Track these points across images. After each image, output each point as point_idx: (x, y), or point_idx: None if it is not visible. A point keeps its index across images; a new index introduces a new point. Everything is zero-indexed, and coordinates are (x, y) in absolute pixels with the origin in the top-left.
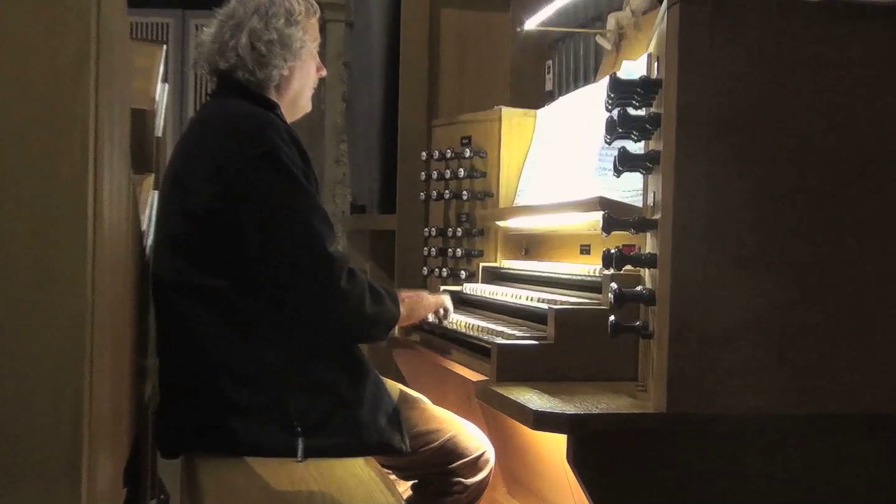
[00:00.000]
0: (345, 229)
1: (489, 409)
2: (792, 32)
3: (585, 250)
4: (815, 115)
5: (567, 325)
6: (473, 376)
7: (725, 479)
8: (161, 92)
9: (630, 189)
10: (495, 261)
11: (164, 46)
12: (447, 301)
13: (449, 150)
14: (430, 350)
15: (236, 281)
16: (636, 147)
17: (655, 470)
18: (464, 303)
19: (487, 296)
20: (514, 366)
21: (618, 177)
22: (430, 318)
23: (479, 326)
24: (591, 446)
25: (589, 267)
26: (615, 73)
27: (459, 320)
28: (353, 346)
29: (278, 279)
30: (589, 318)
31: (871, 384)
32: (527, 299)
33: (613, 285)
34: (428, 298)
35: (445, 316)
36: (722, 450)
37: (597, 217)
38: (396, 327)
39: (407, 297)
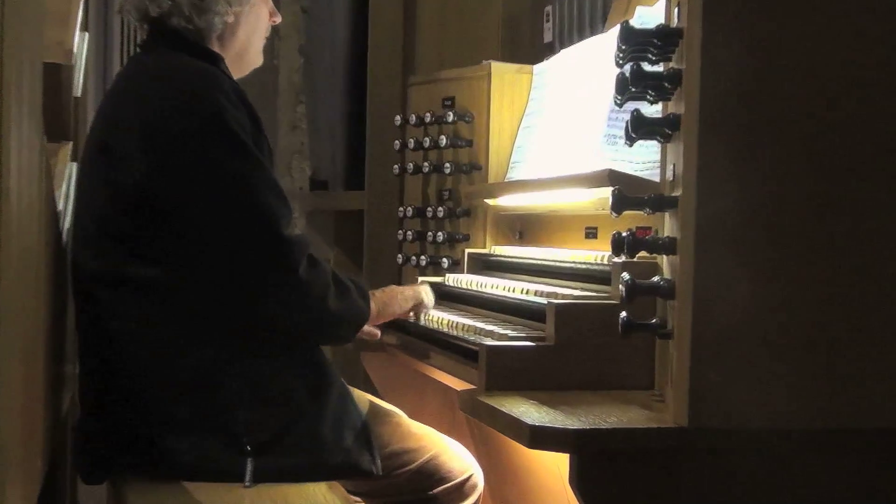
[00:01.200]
0: (303, 209)
1: (477, 423)
2: None
3: (591, 234)
4: (866, 70)
5: (569, 323)
6: (458, 384)
7: None
8: (80, 43)
9: (645, 160)
10: (484, 247)
11: None
12: (426, 293)
13: (428, 114)
14: (405, 353)
15: (173, 270)
16: (652, 110)
17: (675, 496)
18: (447, 297)
19: (475, 288)
20: (506, 372)
21: (630, 146)
22: (409, 314)
23: (464, 325)
24: (599, 467)
25: (595, 254)
26: (627, 22)
27: (441, 318)
28: (314, 349)
29: (224, 268)
30: (595, 314)
31: None
32: (521, 292)
33: (625, 275)
34: (403, 291)
35: (423, 311)
36: (755, 472)
37: (605, 194)
38: (366, 326)
39: (380, 290)
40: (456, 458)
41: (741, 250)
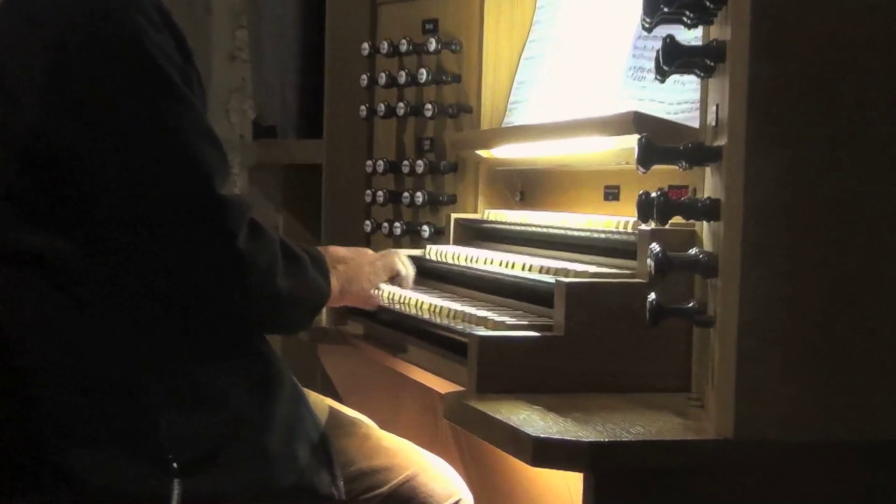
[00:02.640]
0: (244, 162)
1: (466, 435)
2: None
3: (612, 194)
4: None
5: (583, 308)
6: (442, 386)
7: None
8: None
9: (680, 101)
10: (475, 211)
11: None
12: (403, 263)
13: (404, 42)
14: (374, 346)
15: (80, 240)
16: (690, 36)
17: None
18: (428, 274)
19: (463, 263)
20: (503, 369)
21: (662, 82)
22: (384, 289)
23: (450, 310)
24: (620, 490)
25: (617, 219)
26: None
27: (421, 301)
28: (259, 341)
29: (142, 238)
30: (617, 296)
31: None
32: (523, 269)
33: (654, 247)
34: (373, 261)
35: (404, 286)
36: (815, 493)
37: (630, 143)
38: (325, 309)
39: (341, 260)
40: (439, 478)
41: (803, 211)
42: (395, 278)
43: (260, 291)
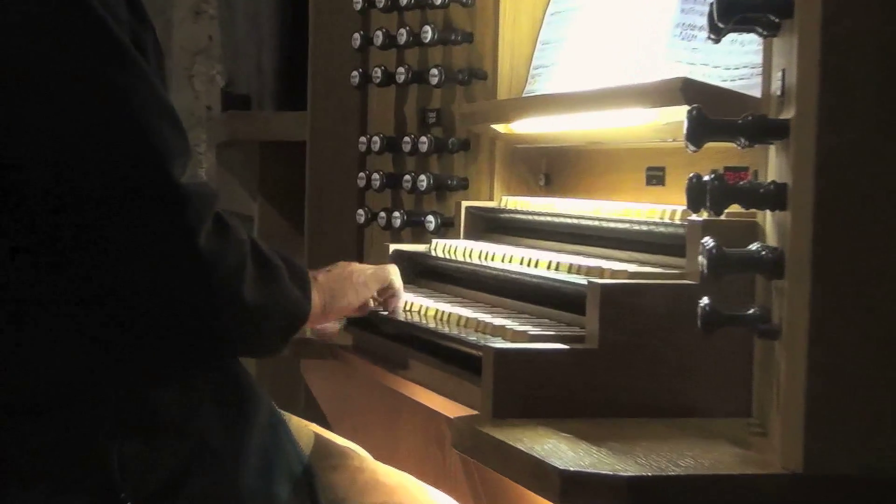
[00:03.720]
0: (211, 140)
1: (478, 467)
2: None
3: (656, 178)
4: None
5: (622, 315)
6: (450, 409)
7: None
8: None
9: (738, 65)
10: (491, 198)
11: None
12: (396, 275)
13: None
14: (369, 362)
15: (9, 240)
16: None
17: None
18: (434, 274)
19: (476, 261)
20: (524, 389)
21: (716, 42)
22: (370, 303)
23: (460, 318)
24: None
25: (662, 208)
26: None
27: (425, 306)
28: (229, 358)
29: (85, 236)
30: (662, 300)
31: None
32: (548, 267)
33: (707, 241)
34: (362, 270)
35: (395, 300)
36: None
37: (677, 116)
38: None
39: (322, 270)
40: None
41: (888, 202)
42: (385, 292)
43: (223, 305)
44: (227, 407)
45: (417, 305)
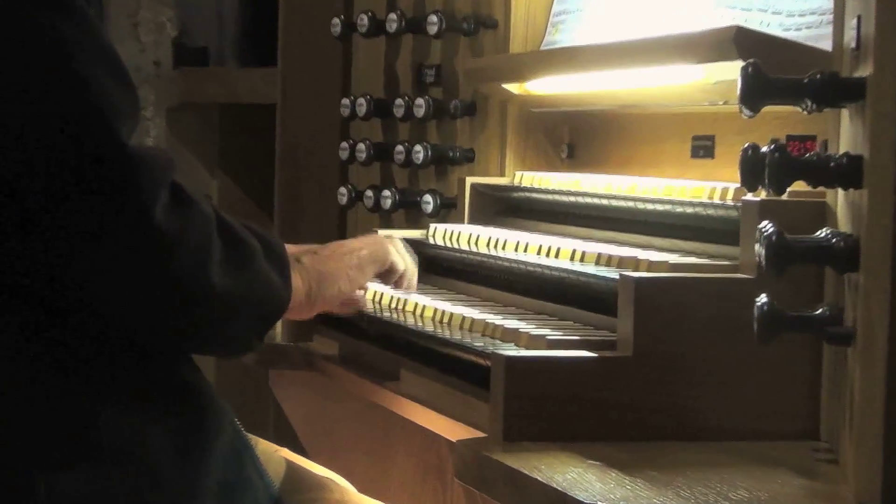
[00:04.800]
0: (161, 102)
1: (487, 501)
2: None
3: (703, 149)
4: None
5: (661, 316)
6: (451, 430)
7: None
8: None
9: (803, 11)
10: (501, 173)
11: None
12: (399, 251)
13: None
14: (354, 372)
15: None
16: None
17: None
18: (431, 266)
19: (484, 251)
20: (542, 406)
21: None
22: (373, 290)
23: (464, 319)
24: None
25: (710, 185)
26: None
27: (422, 305)
28: (184, 364)
29: (13, 212)
30: (710, 298)
31: None
32: (572, 258)
33: (767, 226)
34: (357, 248)
35: (403, 283)
36: None
37: (728, 74)
38: (280, 321)
39: (308, 251)
40: None
41: None
42: (388, 275)
43: (186, 289)
44: (181, 429)
45: (412, 304)
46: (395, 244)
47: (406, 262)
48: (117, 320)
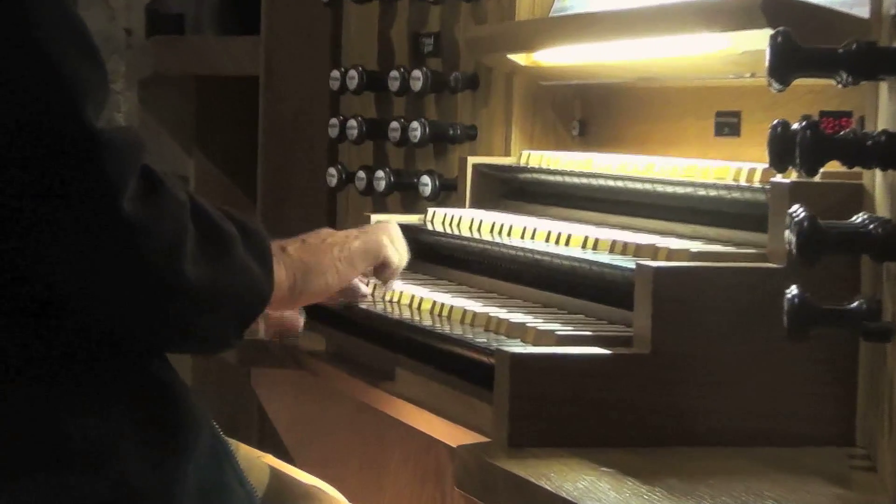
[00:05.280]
0: (130, 75)
1: None
2: None
3: (728, 126)
4: None
5: (682, 309)
6: (451, 434)
7: None
8: None
9: None
10: (506, 153)
11: None
12: (391, 241)
13: None
14: (345, 371)
15: None
16: None
17: None
18: (429, 254)
19: (487, 237)
20: (551, 408)
21: None
22: (361, 286)
23: (466, 313)
24: None
25: (736, 166)
26: None
27: (419, 297)
28: (157, 362)
29: None
30: (735, 289)
31: None
32: (584, 245)
33: (798, 211)
34: (346, 239)
35: (391, 279)
36: None
37: (756, 43)
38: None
39: (293, 240)
40: None
41: None
42: (381, 270)
43: (157, 283)
44: (155, 433)
45: (409, 296)
46: (390, 230)
47: (400, 255)
48: (83, 317)
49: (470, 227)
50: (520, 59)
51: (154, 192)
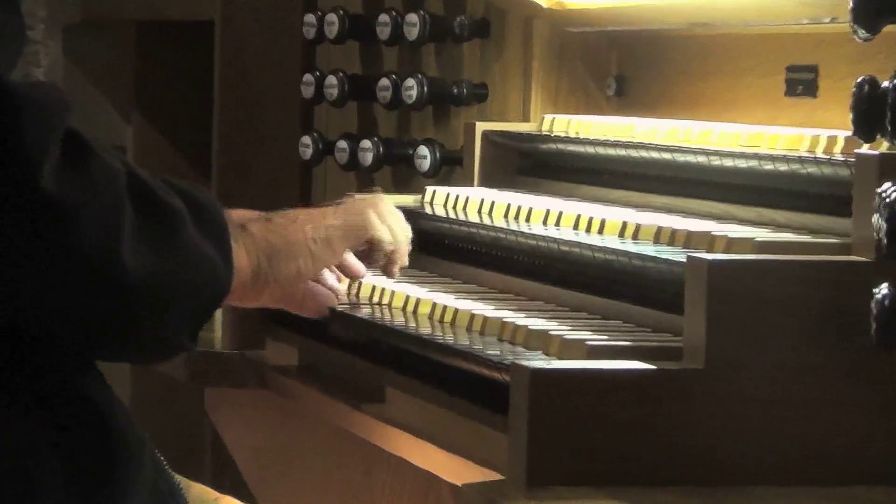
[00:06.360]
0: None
1: None
2: None
3: (802, 84)
4: None
5: (744, 312)
6: (455, 469)
7: None
8: None
9: None
10: (524, 118)
11: None
12: (371, 226)
13: None
14: (321, 391)
15: None
16: None
17: None
18: (428, 244)
19: (500, 223)
20: (580, 436)
21: None
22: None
23: (473, 318)
24: None
25: (811, 134)
26: None
27: (415, 299)
28: (86, 378)
29: None
30: (811, 288)
31: None
32: (621, 233)
33: (889, 190)
34: (325, 218)
35: (385, 269)
36: None
37: None
38: (220, 314)
39: (257, 218)
40: None
41: None
42: (368, 254)
43: (87, 274)
44: (84, 465)
45: (401, 297)
46: (378, 205)
47: (395, 235)
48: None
49: (479, 211)
50: None
51: (81, 161)
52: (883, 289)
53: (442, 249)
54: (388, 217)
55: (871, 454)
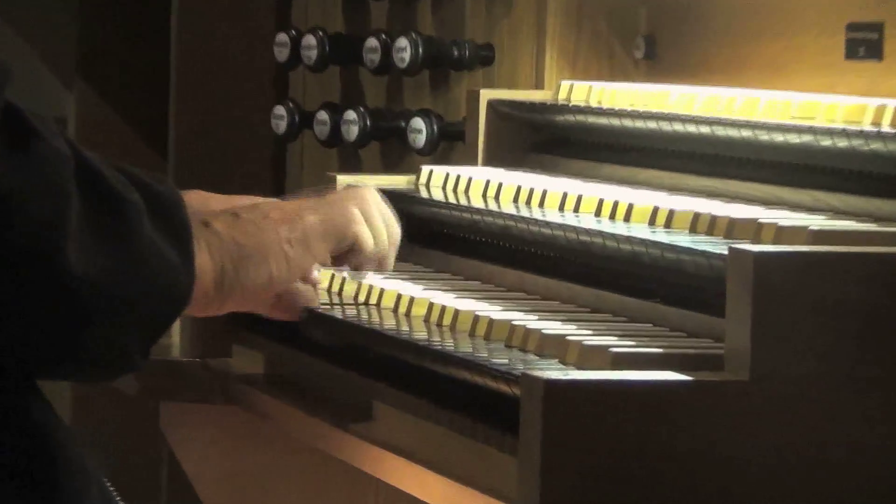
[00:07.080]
0: None
1: None
2: None
3: (865, 44)
4: None
5: (796, 315)
6: (454, 497)
7: None
8: None
9: None
10: (537, 85)
11: None
12: (353, 224)
13: None
14: (296, 407)
15: None
16: None
17: None
18: (423, 233)
19: (508, 210)
20: (601, 459)
21: None
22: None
23: (477, 320)
24: None
25: (875, 104)
26: None
27: (408, 297)
28: (26, 397)
29: None
30: (875, 286)
31: None
32: (650, 221)
33: None
34: (301, 213)
35: (365, 268)
36: None
37: None
38: (179, 321)
39: (224, 214)
40: None
41: None
42: (349, 256)
43: (28, 277)
44: (25, 495)
45: (393, 296)
46: (364, 198)
47: (379, 236)
48: None
49: (484, 195)
50: None
51: (21, 143)
52: None
53: (440, 240)
54: (374, 216)
55: None
